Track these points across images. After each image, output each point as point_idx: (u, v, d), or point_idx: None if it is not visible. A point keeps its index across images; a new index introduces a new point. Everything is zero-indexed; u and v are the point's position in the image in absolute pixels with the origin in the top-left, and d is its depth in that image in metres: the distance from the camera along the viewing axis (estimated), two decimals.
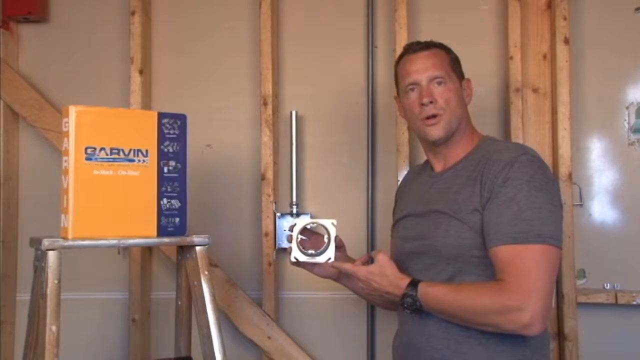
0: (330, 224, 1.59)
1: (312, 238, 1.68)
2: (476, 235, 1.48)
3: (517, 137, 2.15)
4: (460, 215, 1.50)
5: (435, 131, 1.60)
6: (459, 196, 1.53)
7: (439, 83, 1.59)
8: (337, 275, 1.72)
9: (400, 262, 1.63)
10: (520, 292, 1.38)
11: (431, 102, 1.58)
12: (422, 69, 1.60)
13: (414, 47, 1.64)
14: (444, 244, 1.52)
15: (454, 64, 1.64)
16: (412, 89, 1.62)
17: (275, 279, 2.28)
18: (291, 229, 1.64)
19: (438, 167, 1.66)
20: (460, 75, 1.65)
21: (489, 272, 1.47)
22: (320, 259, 1.61)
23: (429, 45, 1.64)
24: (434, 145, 1.64)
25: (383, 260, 1.53)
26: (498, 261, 1.43)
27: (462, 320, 1.46)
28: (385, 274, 1.51)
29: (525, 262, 1.40)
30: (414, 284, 1.49)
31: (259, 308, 2.26)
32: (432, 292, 1.47)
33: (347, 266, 1.57)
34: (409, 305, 1.48)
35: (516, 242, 1.41)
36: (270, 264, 2.26)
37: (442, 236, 1.52)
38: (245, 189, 2.34)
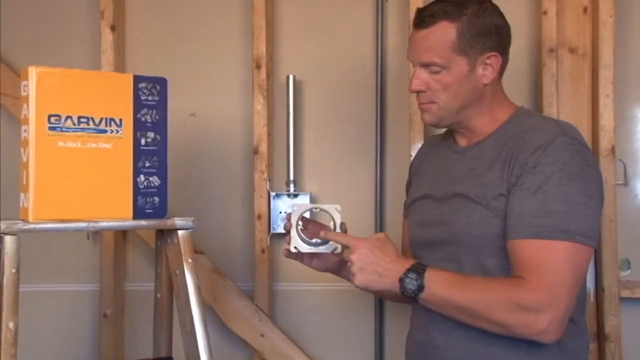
0: (334, 210, 1.58)
1: (309, 226, 1.67)
2: (502, 223, 1.47)
3: (550, 105, 2.14)
4: (485, 201, 1.49)
5: (427, 117, 1.61)
6: (484, 179, 1.52)
7: (433, 72, 1.55)
8: (339, 268, 1.71)
9: (416, 250, 1.64)
10: (540, 292, 1.38)
11: (420, 92, 1.58)
12: (416, 51, 1.57)
13: (416, 21, 1.58)
14: (466, 232, 1.51)
15: (469, 39, 1.53)
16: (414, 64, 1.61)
17: (270, 269, 2.28)
18: (289, 216, 1.62)
19: (462, 141, 1.65)
20: (478, 50, 1.54)
21: None
22: (325, 249, 1.60)
23: (433, 19, 1.54)
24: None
25: (387, 237, 1.52)
26: (517, 256, 1.43)
27: (467, 314, 1.44)
28: (387, 249, 1.48)
29: (549, 260, 1.39)
30: (419, 265, 1.47)
31: (251, 301, 2.26)
32: (442, 276, 1.45)
33: (342, 237, 1.54)
34: (409, 287, 1.44)
35: (538, 236, 1.40)
36: (263, 251, 2.26)
37: (464, 223, 1.51)
38: (235, 164, 2.34)
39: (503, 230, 1.46)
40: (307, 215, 1.61)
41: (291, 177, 2.28)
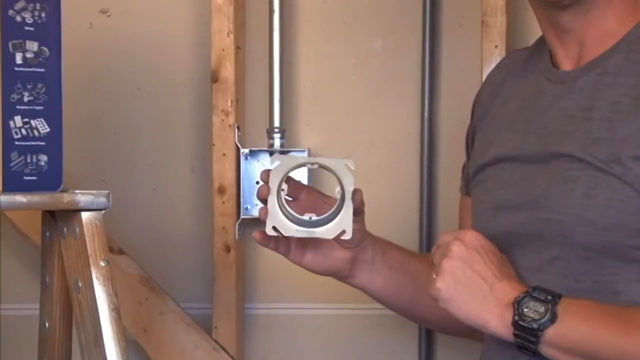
0: (342, 167, 1.58)
1: (301, 196, 1.71)
2: None
3: None
4: (618, 168, 1.49)
5: None
6: (615, 126, 1.52)
7: None
8: (350, 269, 1.75)
9: None
10: None
11: None
12: None
13: None
14: (582, 220, 1.49)
15: None
16: None
17: (239, 279, 2.34)
18: (266, 175, 1.63)
19: (566, 61, 1.65)
20: None
21: None
22: (324, 233, 1.60)
23: None
24: (558, 11, 1.62)
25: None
26: None
27: None
28: (494, 254, 1.55)
29: None
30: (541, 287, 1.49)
31: (207, 335, 2.31)
32: (583, 304, 1.47)
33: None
34: (530, 315, 1.45)
35: None
36: (228, 249, 2.31)
37: (579, 206, 1.50)
38: (180, 100, 2.40)
39: None
40: (298, 176, 1.61)
41: (276, 123, 2.32)
